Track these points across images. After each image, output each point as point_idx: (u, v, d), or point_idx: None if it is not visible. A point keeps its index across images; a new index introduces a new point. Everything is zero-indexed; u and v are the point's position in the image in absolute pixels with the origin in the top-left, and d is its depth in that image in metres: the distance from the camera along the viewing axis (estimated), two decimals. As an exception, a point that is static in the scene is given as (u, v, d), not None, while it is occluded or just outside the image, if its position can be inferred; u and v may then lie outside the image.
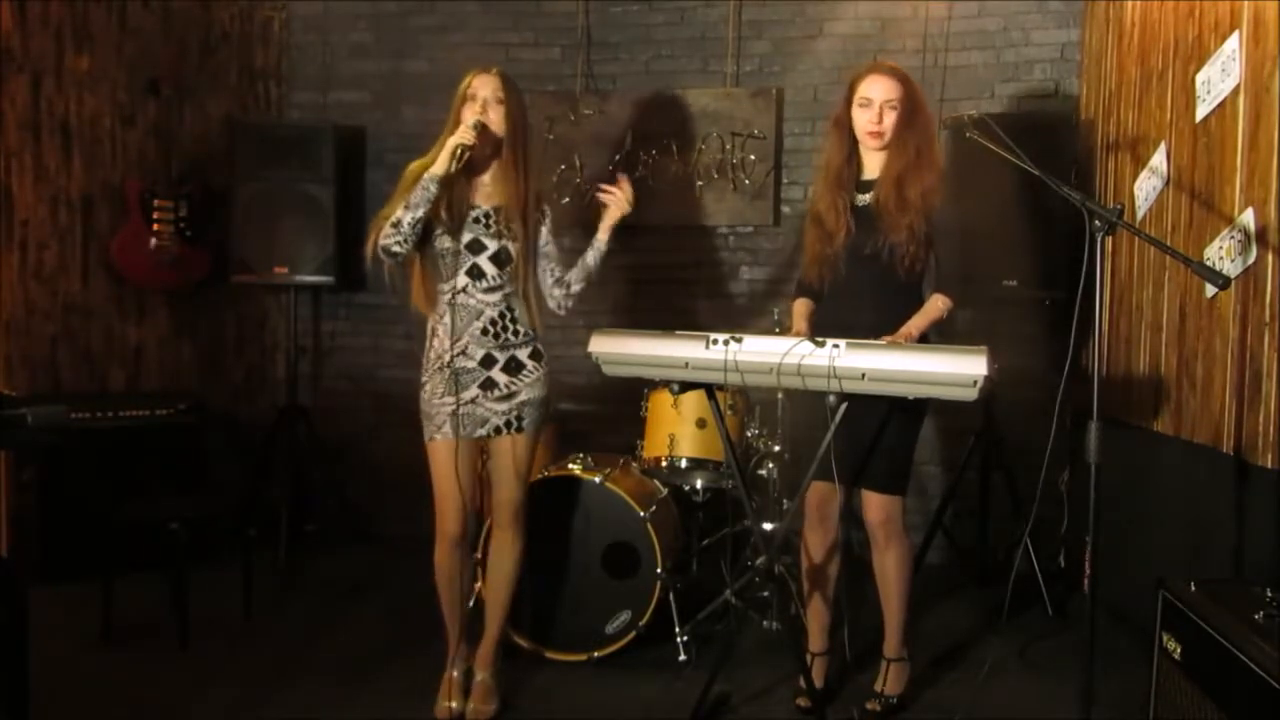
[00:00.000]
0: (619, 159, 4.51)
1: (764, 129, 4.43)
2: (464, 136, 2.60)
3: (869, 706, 2.81)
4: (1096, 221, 2.26)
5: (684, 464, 3.44)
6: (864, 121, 2.72)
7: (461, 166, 2.63)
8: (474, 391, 2.73)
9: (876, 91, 2.70)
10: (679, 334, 2.52)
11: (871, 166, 2.81)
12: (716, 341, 2.44)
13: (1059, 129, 3.92)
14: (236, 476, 4.41)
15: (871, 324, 2.60)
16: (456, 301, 2.71)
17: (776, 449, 3.60)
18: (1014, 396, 3.82)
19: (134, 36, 4.26)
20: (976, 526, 4.05)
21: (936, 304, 2.72)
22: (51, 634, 3.12)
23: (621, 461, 3.46)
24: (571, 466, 3.25)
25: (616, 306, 4.47)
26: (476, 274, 2.72)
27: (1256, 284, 2.62)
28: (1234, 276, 2.69)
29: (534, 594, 3.16)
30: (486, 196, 2.76)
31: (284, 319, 4.66)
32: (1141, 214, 3.44)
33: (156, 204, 4.18)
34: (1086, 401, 2.27)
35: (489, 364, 2.73)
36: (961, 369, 2.26)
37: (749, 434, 3.62)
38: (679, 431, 3.43)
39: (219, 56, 4.63)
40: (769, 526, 3.33)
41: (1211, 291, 2.88)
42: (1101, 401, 2.25)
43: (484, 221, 2.73)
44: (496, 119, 2.69)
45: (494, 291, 2.73)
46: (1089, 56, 4.12)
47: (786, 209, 4.49)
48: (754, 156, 4.44)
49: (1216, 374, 2.86)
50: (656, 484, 3.46)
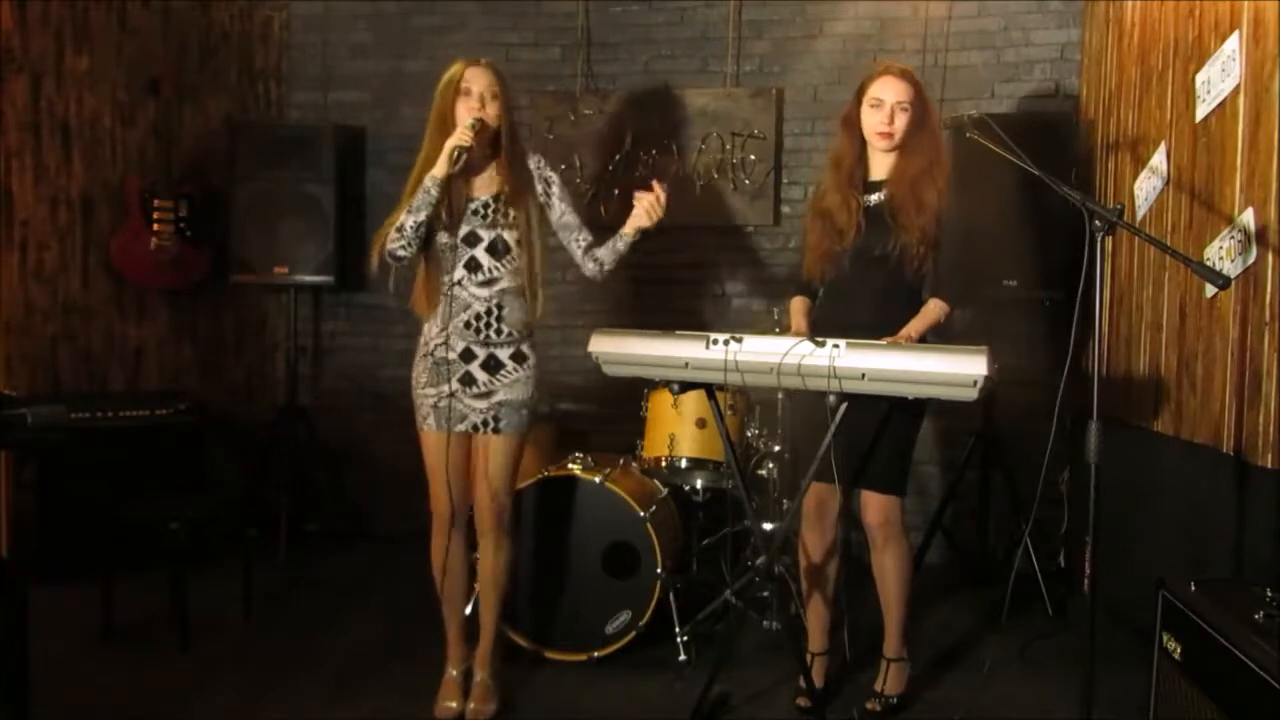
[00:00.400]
0: (619, 159, 4.51)
1: (764, 129, 4.43)
2: (462, 138, 2.60)
3: (869, 706, 2.81)
4: (1096, 221, 2.26)
5: (684, 464, 3.44)
6: (875, 122, 2.72)
7: (460, 167, 2.63)
8: (455, 385, 2.74)
9: (889, 93, 2.70)
10: (679, 334, 2.52)
11: (878, 167, 2.81)
12: (716, 341, 2.44)
13: (1059, 129, 3.91)
14: (236, 476, 4.41)
15: (873, 324, 2.60)
16: (452, 294, 2.72)
17: (776, 449, 3.60)
18: (1014, 396, 3.83)
19: (134, 36, 4.26)
20: (976, 526, 4.06)
21: (934, 308, 2.72)
22: (51, 634, 3.10)
23: (621, 461, 3.46)
24: (571, 466, 3.25)
25: (617, 306, 4.47)
26: (473, 266, 2.72)
27: (1256, 284, 2.63)
28: (1234, 276, 2.69)
29: (534, 594, 3.17)
30: (485, 185, 2.76)
31: (284, 319, 4.66)
32: (1141, 214, 3.44)
33: (156, 204, 4.18)
34: (1086, 401, 2.28)
35: (468, 358, 2.74)
36: (962, 369, 2.26)
37: (749, 434, 3.61)
38: (679, 431, 3.43)
39: (219, 56, 4.62)
40: (769, 526, 3.33)
41: (1211, 291, 2.88)
42: (1101, 401, 2.26)
43: (482, 212, 2.73)
44: (494, 114, 2.69)
45: (488, 286, 2.73)
46: (1089, 56, 4.12)
47: (786, 209, 4.49)
48: (754, 156, 4.44)
49: (1216, 374, 2.86)
50: (656, 484, 3.46)
